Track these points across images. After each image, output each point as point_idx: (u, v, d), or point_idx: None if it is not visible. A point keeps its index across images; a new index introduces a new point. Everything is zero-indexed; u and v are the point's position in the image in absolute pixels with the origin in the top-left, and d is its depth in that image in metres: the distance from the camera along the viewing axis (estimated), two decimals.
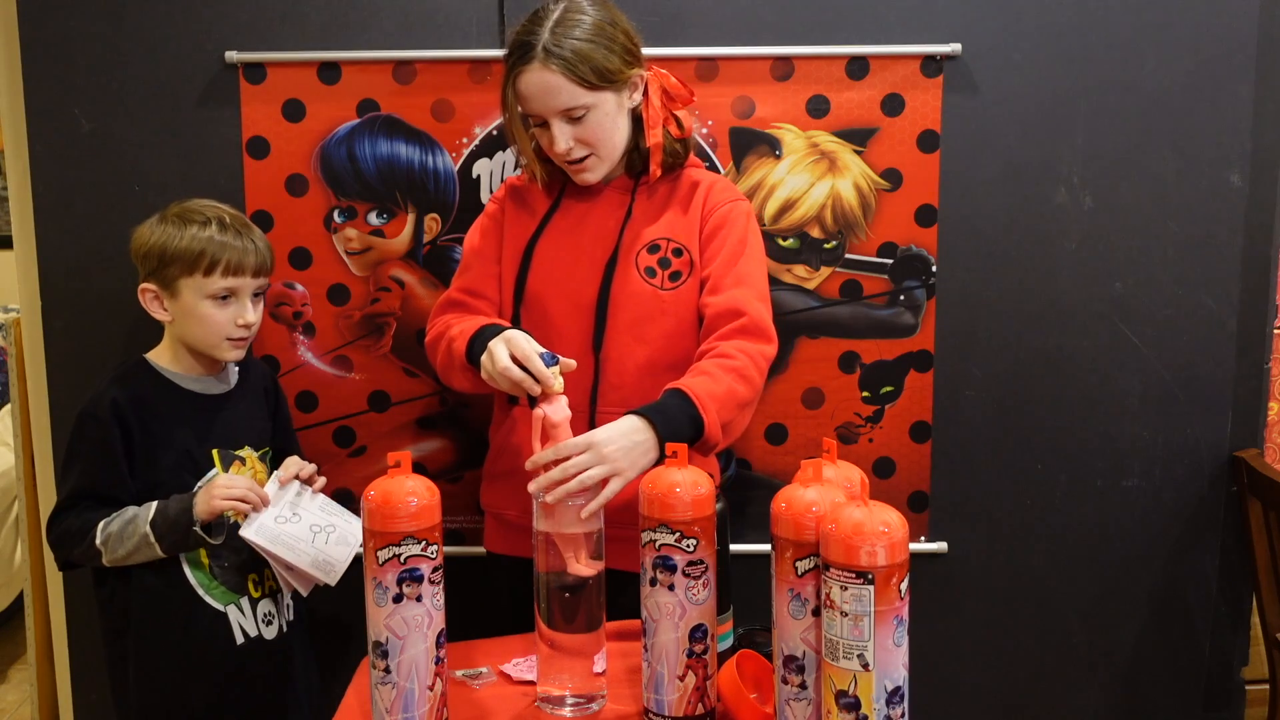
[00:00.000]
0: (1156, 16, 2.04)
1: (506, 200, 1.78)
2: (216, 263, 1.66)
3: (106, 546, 1.63)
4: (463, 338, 1.61)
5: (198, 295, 1.67)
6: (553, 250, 1.71)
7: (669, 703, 1.30)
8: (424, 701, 1.27)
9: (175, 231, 1.67)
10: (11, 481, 3.14)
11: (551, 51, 1.56)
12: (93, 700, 2.18)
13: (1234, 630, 2.23)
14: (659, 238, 1.69)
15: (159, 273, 1.68)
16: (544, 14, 1.60)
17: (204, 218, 1.69)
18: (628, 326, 1.67)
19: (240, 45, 1.99)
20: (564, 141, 1.61)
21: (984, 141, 2.06)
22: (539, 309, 1.70)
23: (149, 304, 1.71)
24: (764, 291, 1.68)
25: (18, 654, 3.32)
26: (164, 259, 1.67)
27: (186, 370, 1.74)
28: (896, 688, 1.14)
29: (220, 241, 1.67)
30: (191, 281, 1.67)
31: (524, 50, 1.58)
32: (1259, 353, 2.14)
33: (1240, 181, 2.09)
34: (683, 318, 1.68)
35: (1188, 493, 2.18)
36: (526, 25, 1.60)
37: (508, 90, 1.63)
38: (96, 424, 1.64)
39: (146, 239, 1.69)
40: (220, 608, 1.70)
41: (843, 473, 1.32)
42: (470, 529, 2.10)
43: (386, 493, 1.25)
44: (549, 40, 1.57)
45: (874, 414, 2.12)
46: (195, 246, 1.66)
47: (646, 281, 1.67)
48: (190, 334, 1.70)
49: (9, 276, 2.27)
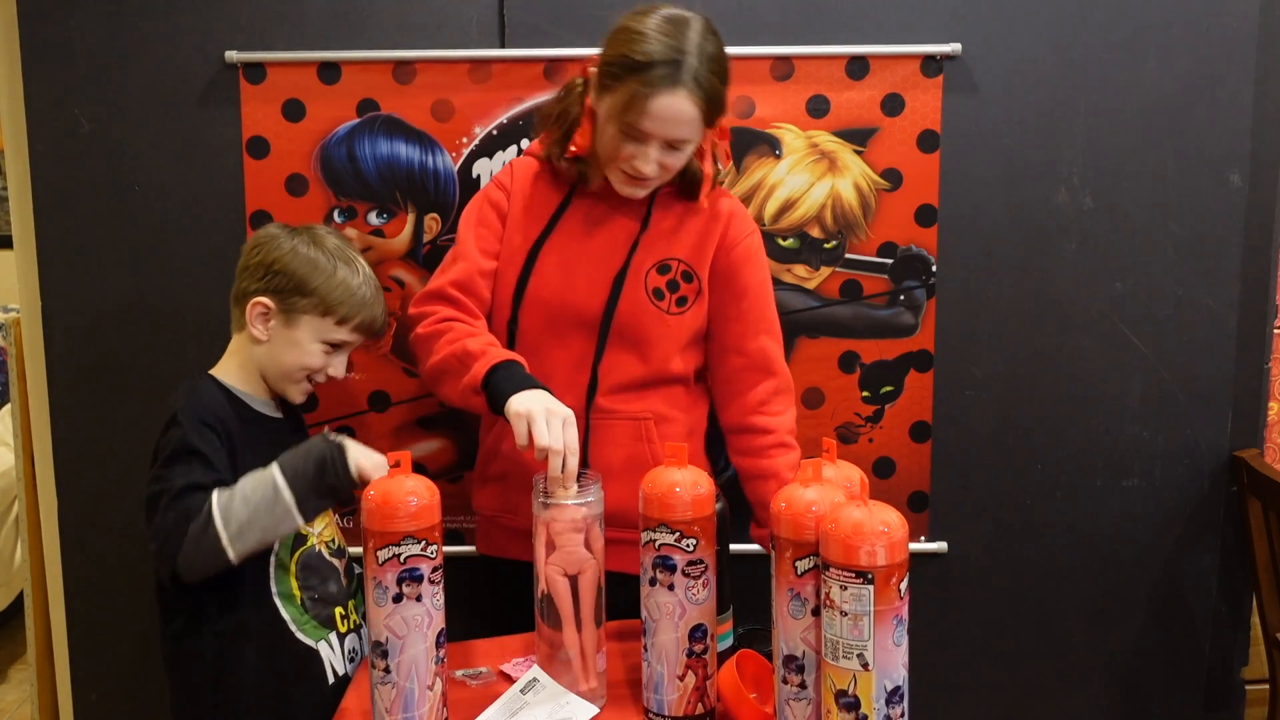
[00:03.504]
0: (1156, 16, 2.04)
1: (513, 189, 1.72)
2: (352, 318, 1.60)
3: (227, 519, 1.41)
4: (481, 361, 1.54)
5: (314, 335, 1.59)
6: (560, 255, 1.68)
7: (669, 702, 1.30)
8: (424, 701, 1.27)
9: (325, 265, 1.58)
10: (11, 481, 3.14)
11: (700, 84, 1.50)
12: (93, 700, 2.18)
13: (1234, 630, 2.23)
14: (671, 258, 1.68)
15: (285, 296, 1.58)
16: (684, 28, 1.51)
17: (349, 260, 1.61)
18: (630, 344, 1.67)
19: (240, 45, 1.99)
20: (653, 167, 1.56)
21: (984, 141, 2.06)
22: (541, 314, 1.67)
23: (253, 317, 1.58)
24: (780, 332, 1.76)
25: (18, 654, 3.32)
26: (302, 288, 1.57)
27: (254, 391, 1.62)
28: (896, 687, 1.14)
29: (363, 298, 1.61)
30: (318, 321, 1.59)
31: (673, 70, 1.49)
32: (1259, 353, 2.14)
33: (1240, 181, 2.09)
34: (681, 338, 1.69)
35: (1188, 493, 2.18)
36: (670, 39, 1.50)
37: (619, 91, 1.52)
38: (205, 427, 1.50)
39: (284, 257, 1.58)
40: (312, 644, 1.55)
41: (843, 472, 1.32)
42: (470, 529, 2.10)
43: (386, 493, 1.25)
44: (700, 70, 1.50)
45: (874, 414, 2.12)
46: (341, 292, 1.59)
47: (653, 302, 1.66)
48: (277, 361, 1.60)
49: (9, 276, 2.27)
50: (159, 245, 2.04)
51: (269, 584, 1.53)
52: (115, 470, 2.09)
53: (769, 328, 1.74)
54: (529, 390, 1.48)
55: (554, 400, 1.46)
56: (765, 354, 1.72)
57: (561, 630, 1.36)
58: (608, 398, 1.66)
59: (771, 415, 1.72)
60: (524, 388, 1.48)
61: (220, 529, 1.41)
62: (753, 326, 1.71)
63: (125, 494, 2.08)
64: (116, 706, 2.17)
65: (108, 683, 2.17)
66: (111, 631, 2.14)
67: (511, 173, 1.74)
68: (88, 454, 2.09)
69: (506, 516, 1.75)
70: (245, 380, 1.62)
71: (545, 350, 1.66)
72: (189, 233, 2.04)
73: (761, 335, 1.72)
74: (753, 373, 1.72)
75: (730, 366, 1.73)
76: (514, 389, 1.48)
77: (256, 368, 1.62)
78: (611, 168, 1.62)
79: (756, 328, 1.72)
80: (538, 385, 1.50)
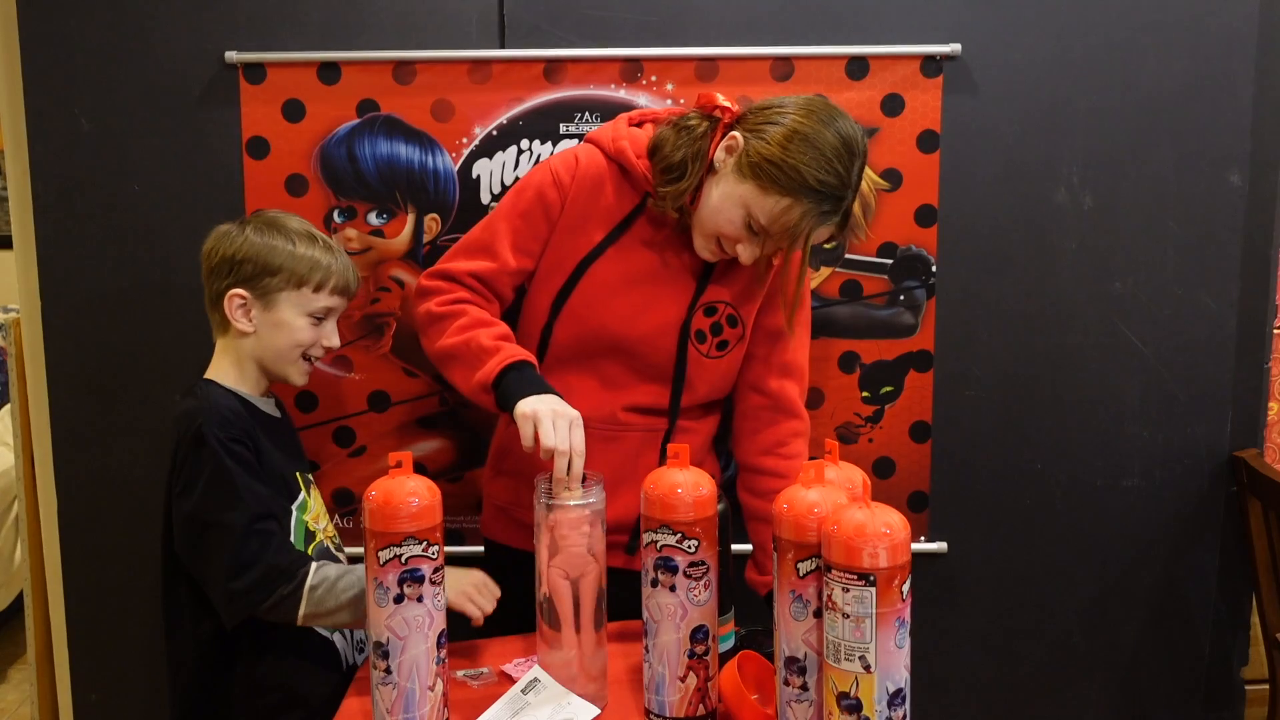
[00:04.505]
0: (1156, 16, 2.04)
1: (572, 192, 1.62)
2: (326, 280, 1.61)
3: (313, 595, 1.46)
4: (495, 359, 1.52)
5: (297, 310, 1.60)
6: (609, 275, 1.61)
7: (670, 704, 1.30)
8: (425, 702, 1.27)
9: (281, 243, 1.59)
10: (11, 481, 3.14)
11: (846, 216, 1.51)
12: (93, 700, 2.17)
13: (1234, 630, 2.23)
14: (719, 300, 1.64)
15: (255, 281, 1.58)
16: (854, 156, 1.48)
17: (307, 232, 1.63)
18: (661, 378, 1.66)
19: (240, 45, 1.99)
20: (751, 257, 1.55)
21: (984, 141, 2.06)
22: (575, 329, 1.63)
23: (233, 311, 1.59)
24: (807, 377, 1.75)
25: (18, 654, 3.32)
26: (268, 268, 1.58)
27: (252, 390, 1.63)
28: (898, 689, 1.14)
29: (329, 260, 1.62)
30: (295, 295, 1.60)
31: (834, 206, 1.48)
32: (1259, 353, 2.14)
33: (1240, 181, 2.09)
34: (714, 379, 1.68)
35: (1188, 493, 2.18)
36: (843, 169, 1.47)
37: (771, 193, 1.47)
38: (235, 442, 1.50)
39: (242, 246, 1.59)
40: (327, 634, 1.60)
41: (845, 474, 1.32)
42: (470, 529, 2.10)
43: (388, 493, 1.25)
44: (850, 203, 1.50)
45: (874, 414, 2.12)
46: (307, 262, 1.60)
47: (694, 344, 1.65)
48: (271, 348, 1.61)
49: (9, 276, 2.27)
50: (159, 245, 2.04)
51: None
52: (115, 470, 2.08)
53: (797, 372, 1.72)
54: (538, 394, 1.48)
55: (562, 403, 1.46)
56: (788, 396, 1.70)
57: (561, 633, 1.36)
58: (628, 415, 1.66)
59: (785, 458, 1.70)
60: (534, 391, 1.48)
61: (303, 603, 1.46)
62: (778, 369, 1.70)
63: (125, 494, 2.08)
64: (116, 706, 2.17)
65: (108, 683, 2.16)
66: (111, 631, 2.14)
67: (575, 169, 1.63)
68: (88, 454, 2.09)
69: (518, 510, 1.75)
70: (242, 381, 1.63)
71: (575, 366, 1.63)
72: (189, 233, 2.03)
73: (786, 379, 1.70)
74: (772, 413, 1.71)
75: (751, 403, 1.72)
76: (524, 392, 1.48)
77: (253, 362, 1.63)
78: (708, 235, 1.56)
79: (783, 370, 1.70)
80: (548, 389, 1.50)
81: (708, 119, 1.57)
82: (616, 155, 1.62)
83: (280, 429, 1.68)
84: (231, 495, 1.47)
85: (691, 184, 1.55)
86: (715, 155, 1.54)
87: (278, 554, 1.47)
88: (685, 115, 1.59)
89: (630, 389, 1.65)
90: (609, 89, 2.00)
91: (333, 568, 1.49)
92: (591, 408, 1.51)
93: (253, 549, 1.45)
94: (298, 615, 1.46)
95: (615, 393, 1.65)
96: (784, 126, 1.48)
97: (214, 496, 1.47)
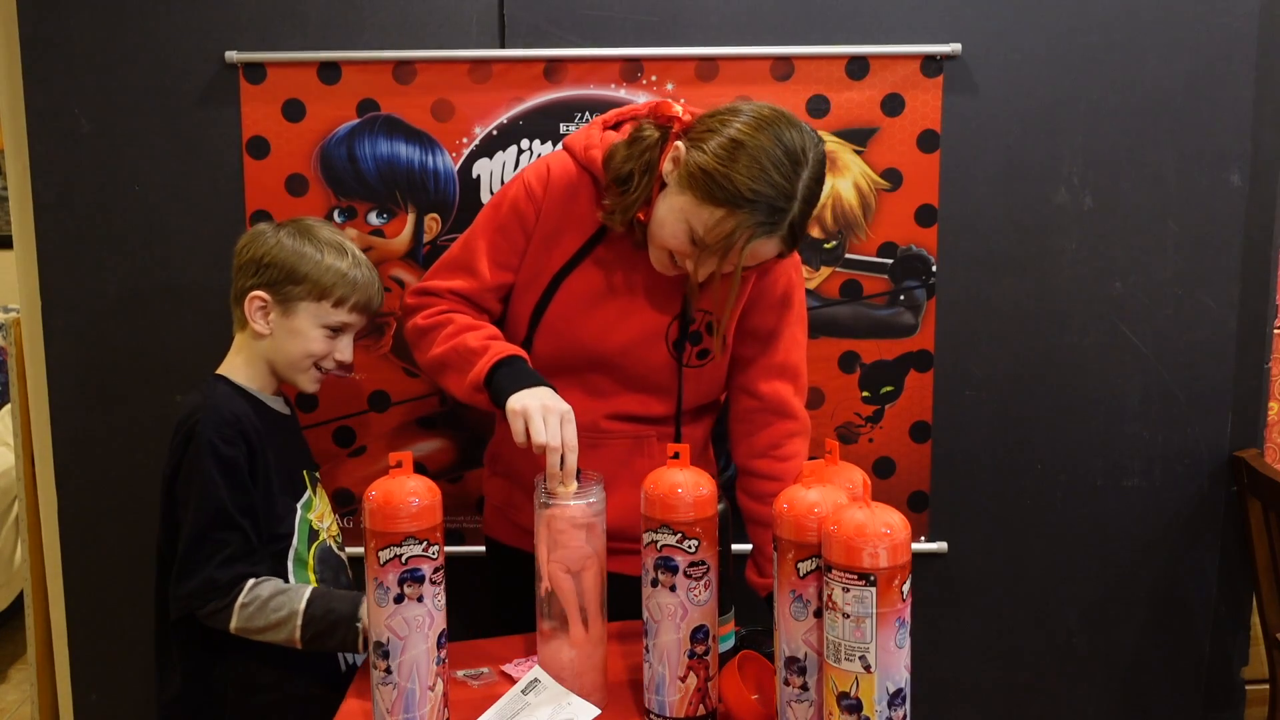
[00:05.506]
0: (1156, 16, 2.04)
1: (545, 204, 1.59)
2: (348, 297, 1.61)
3: (243, 612, 1.47)
4: (484, 358, 1.52)
5: (314, 321, 1.61)
6: (586, 287, 1.59)
7: (670, 704, 1.30)
8: (425, 702, 1.27)
9: (311, 252, 1.60)
10: (11, 481, 3.13)
11: (793, 230, 1.43)
12: (93, 700, 2.17)
13: (1234, 630, 2.23)
14: (698, 309, 1.60)
15: (279, 287, 1.59)
16: (800, 167, 1.41)
17: (339, 244, 1.63)
18: (645, 388, 1.64)
19: (240, 45, 1.99)
20: (705, 273, 1.49)
21: (984, 141, 2.06)
22: (554, 342, 1.62)
23: (252, 312, 1.60)
24: (804, 378, 1.71)
25: (18, 654, 3.32)
26: (293, 276, 1.59)
27: (263, 388, 1.64)
28: (899, 689, 1.14)
29: (355, 276, 1.62)
30: (315, 307, 1.60)
31: (776, 219, 1.41)
32: (1259, 353, 2.15)
33: (1240, 181, 2.09)
34: (699, 388, 1.67)
35: (1188, 493, 2.18)
36: (785, 180, 1.39)
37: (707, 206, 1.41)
38: (227, 443, 1.51)
39: (272, 250, 1.60)
40: None
41: (845, 474, 1.32)
42: (471, 529, 2.10)
43: (388, 493, 1.25)
44: (798, 218, 1.43)
45: (874, 414, 2.12)
46: (332, 275, 1.60)
47: (672, 354, 1.62)
48: (284, 353, 1.62)
49: (9, 276, 2.27)
50: (159, 245, 2.04)
51: (288, 579, 1.56)
52: (115, 470, 2.08)
53: (790, 373, 1.68)
54: (530, 388, 1.47)
55: (554, 396, 1.45)
56: (780, 398, 1.67)
57: (567, 628, 1.35)
58: (610, 422, 1.65)
59: (780, 460, 1.67)
60: (525, 385, 1.47)
61: (233, 617, 1.48)
62: (769, 371, 1.67)
63: (125, 494, 2.08)
64: (116, 706, 2.17)
65: (108, 683, 2.17)
66: (111, 631, 2.14)
67: (548, 179, 1.59)
68: (88, 454, 2.09)
69: (511, 510, 1.75)
70: (254, 378, 1.64)
71: (559, 377, 1.60)
72: (189, 233, 2.04)
73: (777, 380, 1.67)
74: (765, 415, 1.68)
75: (744, 406, 1.69)
76: (515, 386, 1.47)
77: (265, 363, 1.64)
78: (659, 249, 1.52)
79: (774, 372, 1.67)
80: (541, 382, 1.49)
81: (659, 129, 1.53)
82: (588, 164, 1.58)
83: (288, 427, 1.69)
84: (199, 497, 1.49)
85: (639, 198, 1.50)
86: (664, 167, 1.50)
87: (220, 567, 1.48)
88: (640, 126, 1.55)
89: (616, 398, 1.64)
90: (609, 89, 2.00)
91: (269, 586, 1.49)
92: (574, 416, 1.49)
93: (198, 557, 1.48)
94: (230, 628, 1.48)
95: (600, 401, 1.64)
96: (725, 136, 1.41)
97: (186, 495, 1.51)
